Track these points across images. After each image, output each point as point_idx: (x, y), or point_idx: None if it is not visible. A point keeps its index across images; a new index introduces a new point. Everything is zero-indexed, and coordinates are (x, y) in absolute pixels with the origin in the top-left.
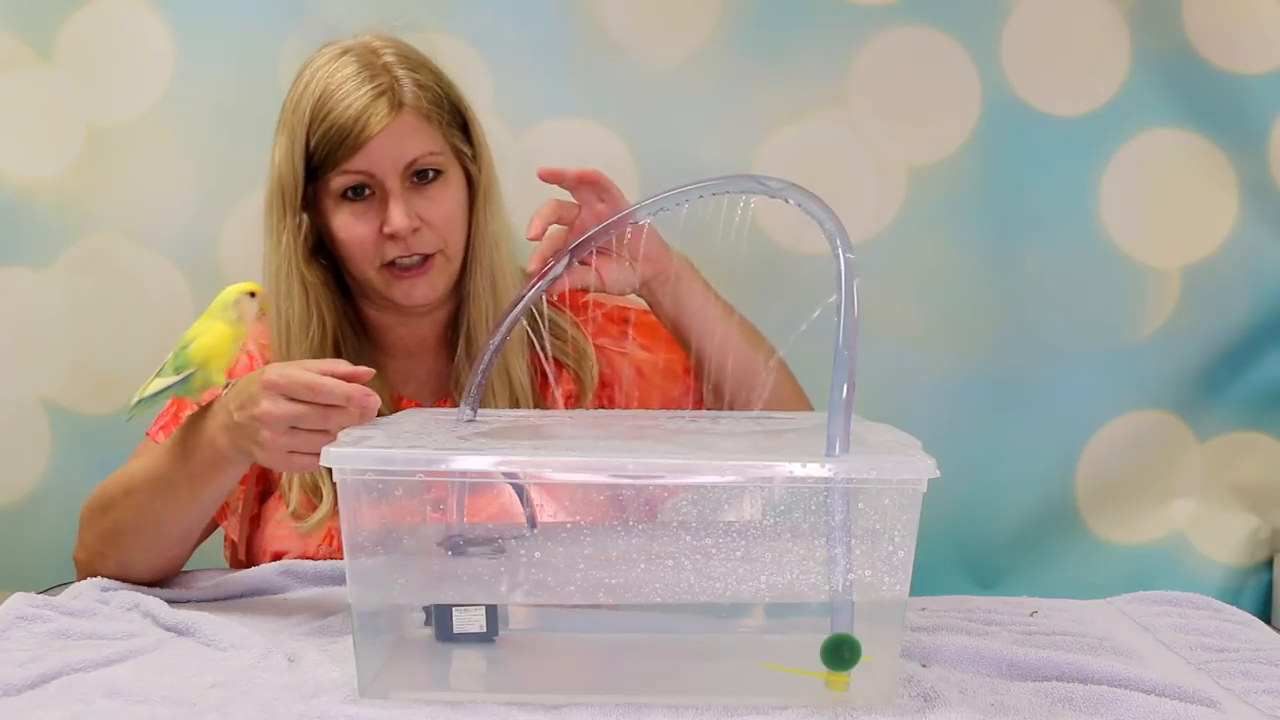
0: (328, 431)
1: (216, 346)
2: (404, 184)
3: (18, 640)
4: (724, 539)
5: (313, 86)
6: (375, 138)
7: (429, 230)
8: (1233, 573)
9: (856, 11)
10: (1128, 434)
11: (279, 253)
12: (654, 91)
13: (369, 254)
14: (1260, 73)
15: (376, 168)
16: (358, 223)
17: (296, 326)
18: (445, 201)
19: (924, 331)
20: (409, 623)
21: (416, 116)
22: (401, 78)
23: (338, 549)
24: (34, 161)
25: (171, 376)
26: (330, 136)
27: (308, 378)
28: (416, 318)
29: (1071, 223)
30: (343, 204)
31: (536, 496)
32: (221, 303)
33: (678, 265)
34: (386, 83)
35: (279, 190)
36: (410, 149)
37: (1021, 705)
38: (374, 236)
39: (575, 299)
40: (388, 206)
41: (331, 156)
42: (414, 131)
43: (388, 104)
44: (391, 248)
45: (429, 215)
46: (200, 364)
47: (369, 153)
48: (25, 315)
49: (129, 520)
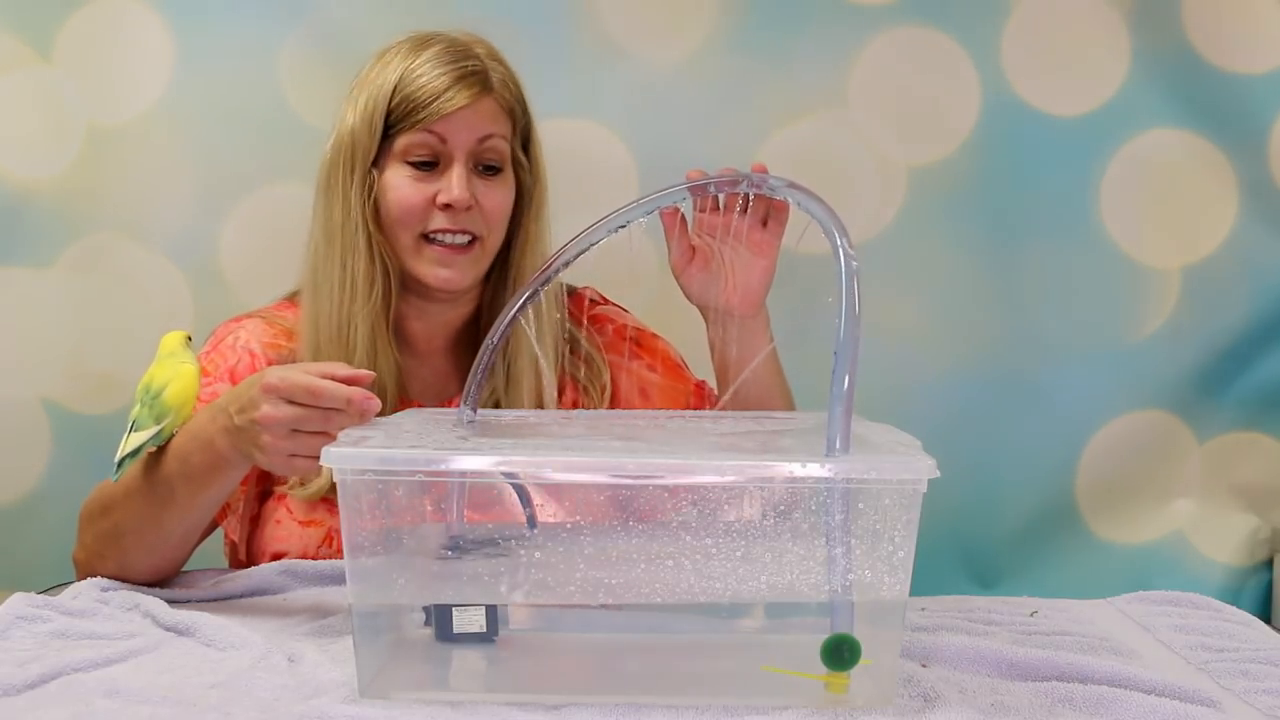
0: (328, 434)
1: (189, 389)
2: (469, 164)
3: (18, 640)
4: (724, 539)
5: (401, 58)
6: (460, 110)
7: (480, 213)
8: (1233, 573)
9: (856, 11)
10: (1128, 434)
11: (343, 210)
12: (654, 91)
13: (415, 218)
14: (1260, 73)
15: (452, 136)
16: (413, 185)
17: (362, 282)
18: (500, 195)
19: (924, 331)
20: (409, 623)
21: (498, 106)
22: (492, 68)
23: (338, 549)
24: (34, 161)
25: (151, 427)
26: (416, 98)
27: (308, 381)
28: (433, 311)
29: (1071, 223)
30: (404, 166)
31: (537, 496)
32: (177, 345)
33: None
34: (481, 66)
35: (350, 148)
36: (487, 127)
37: (1021, 705)
38: (425, 202)
39: (589, 314)
40: (448, 176)
41: (410, 117)
42: (493, 117)
43: (479, 84)
44: (439, 218)
45: (484, 200)
46: (176, 409)
47: (450, 121)
48: (25, 315)
49: (129, 522)
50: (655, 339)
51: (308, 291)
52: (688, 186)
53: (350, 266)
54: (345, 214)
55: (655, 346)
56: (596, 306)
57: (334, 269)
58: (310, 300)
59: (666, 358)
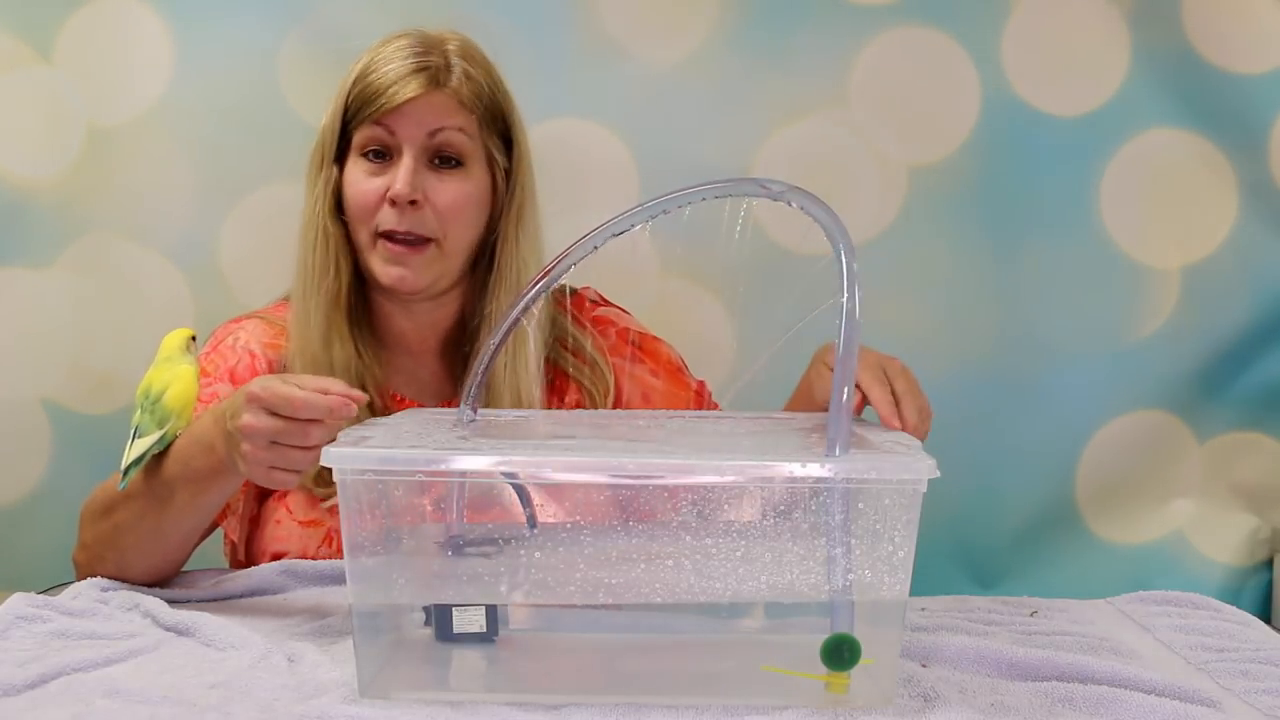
0: (308, 449)
1: (189, 391)
2: (421, 158)
3: (18, 640)
4: (724, 539)
5: (371, 52)
6: (409, 102)
7: (431, 212)
8: (1233, 573)
9: (856, 11)
10: (1128, 434)
11: (310, 203)
12: (654, 91)
13: (368, 213)
14: (1260, 73)
15: (400, 128)
16: (367, 179)
17: (317, 274)
18: (456, 191)
19: (924, 331)
20: (409, 623)
21: (454, 101)
22: (454, 65)
23: (338, 549)
24: (34, 161)
25: (155, 432)
26: (367, 93)
27: (288, 391)
28: (416, 310)
29: (1071, 223)
30: (360, 160)
31: (537, 496)
32: (175, 348)
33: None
34: (437, 62)
35: (320, 144)
36: (439, 120)
37: (1021, 705)
38: (377, 197)
39: (591, 315)
40: (394, 170)
41: (363, 110)
42: (447, 112)
43: (429, 78)
44: (389, 215)
45: (436, 197)
46: (177, 412)
47: (399, 113)
48: (25, 315)
49: (129, 523)
50: (657, 342)
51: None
52: (690, 190)
53: (309, 259)
54: (311, 208)
55: (657, 350)
56: (598, 308)
57: (301, 262)
58: (292, 294)
59: (669, 361)
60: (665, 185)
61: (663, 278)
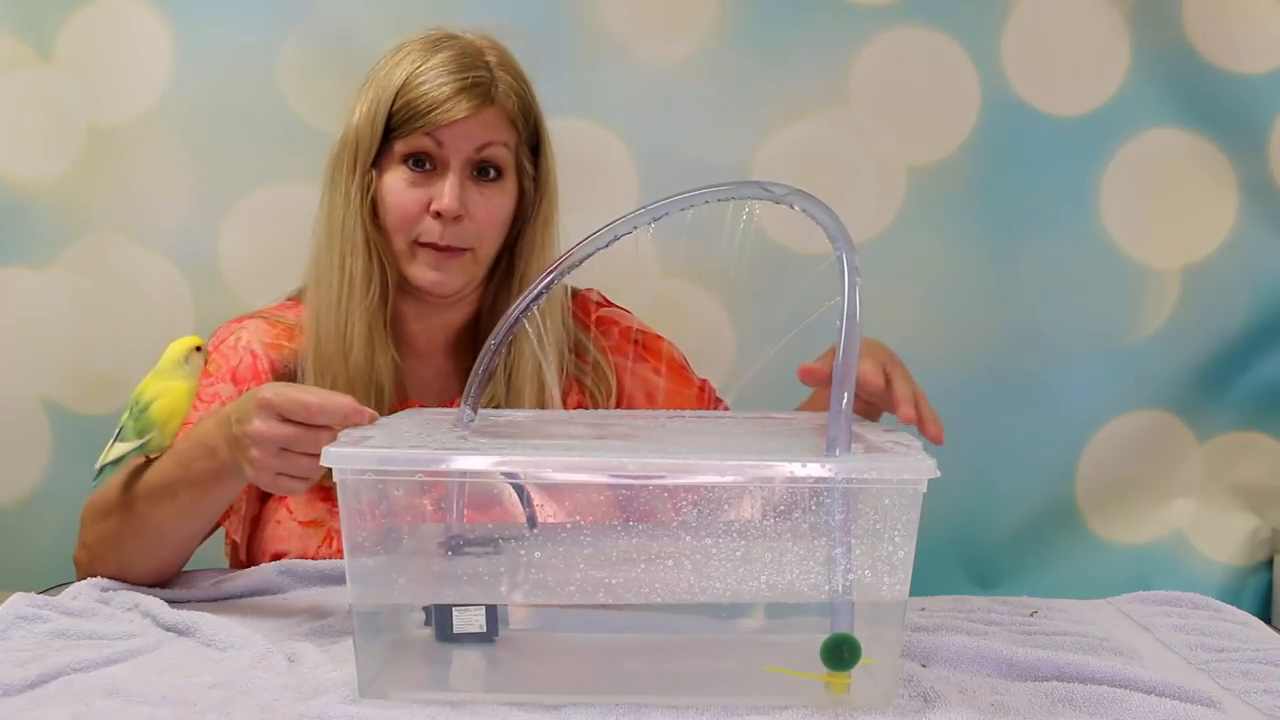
0: (318, 456)
1: (176, 406)
2: (465, 170)
3: (18, 640)
4: (724, 539)
5: (411, 59)
6: (459, 122)
7: (470, 224)
8: (1233, 573)
9: (856, 11)
10: (1128, 434)
11: (344, 207)
12: (654, 91)
13: (408, 223)
14: (1260, 73)
15: (449, 142)
16: (408, 189)
17: (360, 280)
18: (495, 203)
19: (924, 331)
20: (409, 623)
21: (501, 116)
22: (499, 79)
23: (338, 549)
24: (34, 161)
25: (134, 440)
26: (416, 105)
27: (302, 397)
28: (432, 312)
29: (1071, 223)
30: (401, 168)
31: (537, 496)
32: (173, 360)
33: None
34: (485, 78)
35: (354, 145)
36: (486, 136)
37: (1021, 705)
38: (420, 207)
39: (594, 315)
40: (441, 184)
41: (411, 123)
42: (495, 126)
43: (480, 95)
44: (432, 227)
45: (476, 210)
46: (160, 425)
47: (449, 130)
48: (25, 315)
49: (130, 524)
50: (659, 341)
51: (310, 287)
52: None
53: (349, 264)
54: (346, 211)
55: (660, 349)
56: (601, 309)
57: (334, 266)
58: (312, 296)
59: (671, 360)
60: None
61: (663, 278)
